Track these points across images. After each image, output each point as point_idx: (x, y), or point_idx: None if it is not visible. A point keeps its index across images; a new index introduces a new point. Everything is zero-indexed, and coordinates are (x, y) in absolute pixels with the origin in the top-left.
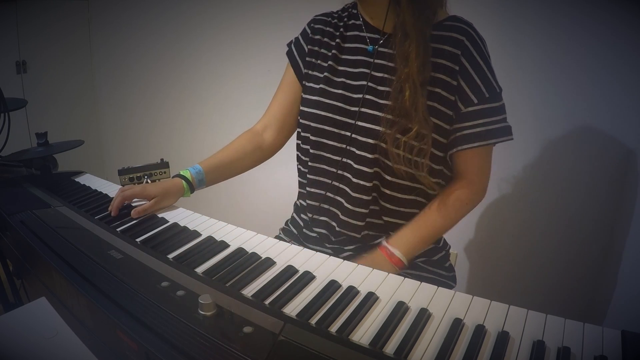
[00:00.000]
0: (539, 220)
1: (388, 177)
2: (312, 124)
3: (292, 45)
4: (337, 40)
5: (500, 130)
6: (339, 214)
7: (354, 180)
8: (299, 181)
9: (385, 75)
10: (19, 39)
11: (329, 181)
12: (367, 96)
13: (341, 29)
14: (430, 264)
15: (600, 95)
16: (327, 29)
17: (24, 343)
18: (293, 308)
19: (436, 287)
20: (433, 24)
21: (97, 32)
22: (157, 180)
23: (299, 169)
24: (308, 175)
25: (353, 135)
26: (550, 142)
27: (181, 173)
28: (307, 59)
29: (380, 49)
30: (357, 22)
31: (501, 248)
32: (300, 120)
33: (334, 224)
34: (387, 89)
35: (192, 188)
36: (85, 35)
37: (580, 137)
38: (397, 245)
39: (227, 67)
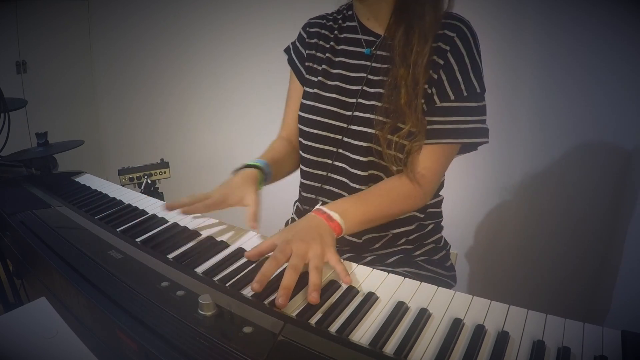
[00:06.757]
0: (539, 221)
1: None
2: (306, 129)
3: (292, 53)
4: (331, 42)
5: (472, 130)
6: None
7: (352, 185)
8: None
9: (381, 78)
10: (18, 38)
11: (327, 187)
12: (361, 100)
13: (335, 32)
14: (430, 263)
15: (601, 95)
16: (323, 31)
17: (24, 343)
18: (293, 308)
19: (436, 287)
20: None
21: (97, 32)
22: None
23: (301, 171)
24: (302, 180)
25: (345, 139)
26: (550, 143)
27: (250, 163)
28: (307, 63)
29: (378, 52)
30: (352, 24)
31: (501, 248)
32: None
33: None
34: (378, 90)
35: (264, 179)
36: (85, 35)
37: (581, 138)
38: (335, 209)
39: (227, 68)
